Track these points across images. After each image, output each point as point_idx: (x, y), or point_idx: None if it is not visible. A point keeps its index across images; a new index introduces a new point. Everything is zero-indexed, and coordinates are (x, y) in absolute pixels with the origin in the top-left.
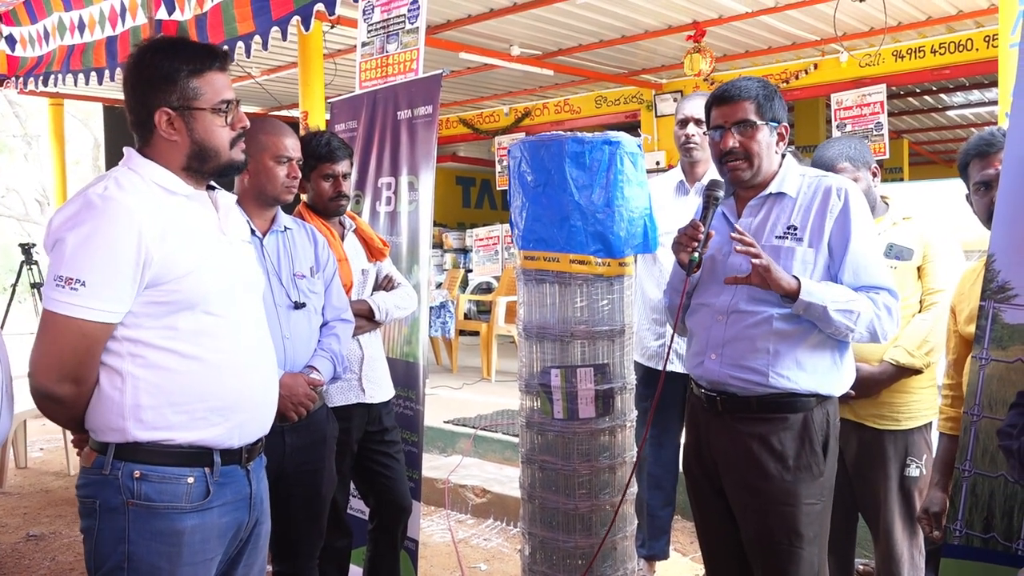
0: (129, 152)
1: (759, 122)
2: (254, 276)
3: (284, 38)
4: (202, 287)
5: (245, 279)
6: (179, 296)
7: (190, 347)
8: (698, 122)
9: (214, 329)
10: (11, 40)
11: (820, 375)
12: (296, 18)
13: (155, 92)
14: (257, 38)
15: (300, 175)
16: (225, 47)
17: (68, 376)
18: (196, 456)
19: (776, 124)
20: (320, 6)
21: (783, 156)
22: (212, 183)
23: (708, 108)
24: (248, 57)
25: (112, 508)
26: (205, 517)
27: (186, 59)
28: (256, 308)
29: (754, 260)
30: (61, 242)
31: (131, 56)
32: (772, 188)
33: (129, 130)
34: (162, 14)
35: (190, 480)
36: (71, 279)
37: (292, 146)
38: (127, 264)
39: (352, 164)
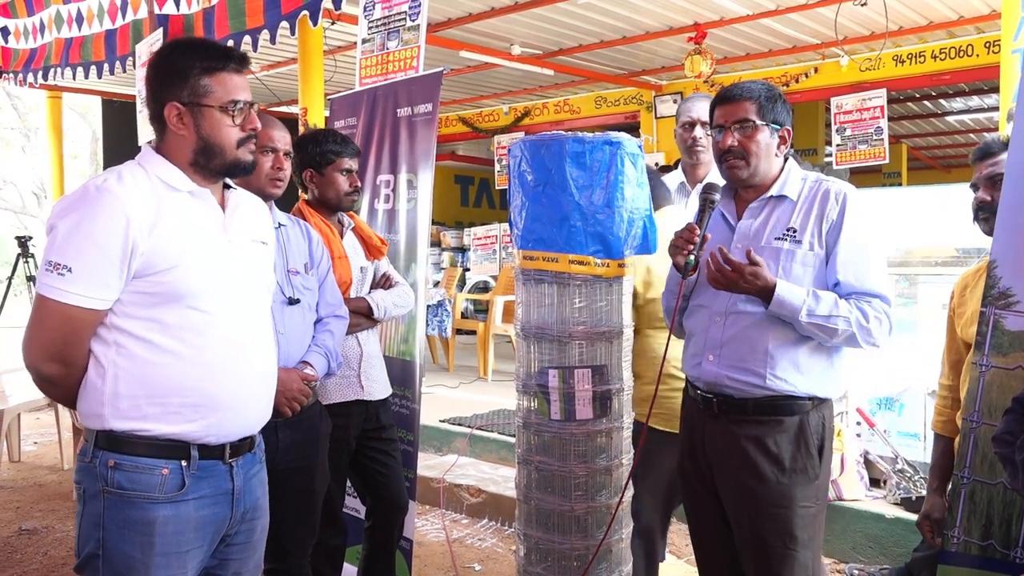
0: (145, 148)
1: (759, 123)
2: (259, 277)
3: (292, 33)
4: (188, 282)
5: (245, 279)
6: (164, 288)
7: (171, 341)
8: (705, 124)
9: (200, 325)
10: (5, 32)
11: (817, 378)
12: (304, 13)
13: (168, 87)
14: (265, 32)
15: (286, 168)
16: (231, 42)
17: (55, 357)
18: (172, 448)
19: (778, 127)
20: (328, 2)
21: (785, 159)
22: (229, 183)
23: (712, 109)
24: (255, 51)
25: (92, 495)
26: (180, 509)
27: (201, 57)
28: (256, 308)
29: (717, 278)
30: (54, 229)
31: (153, 54)
32: (774, 191)
33: (128, 124)
34: (169, 8)
35: (164, 471)
36: (59, 264)
37: (279, 138)
38: (113, 253)
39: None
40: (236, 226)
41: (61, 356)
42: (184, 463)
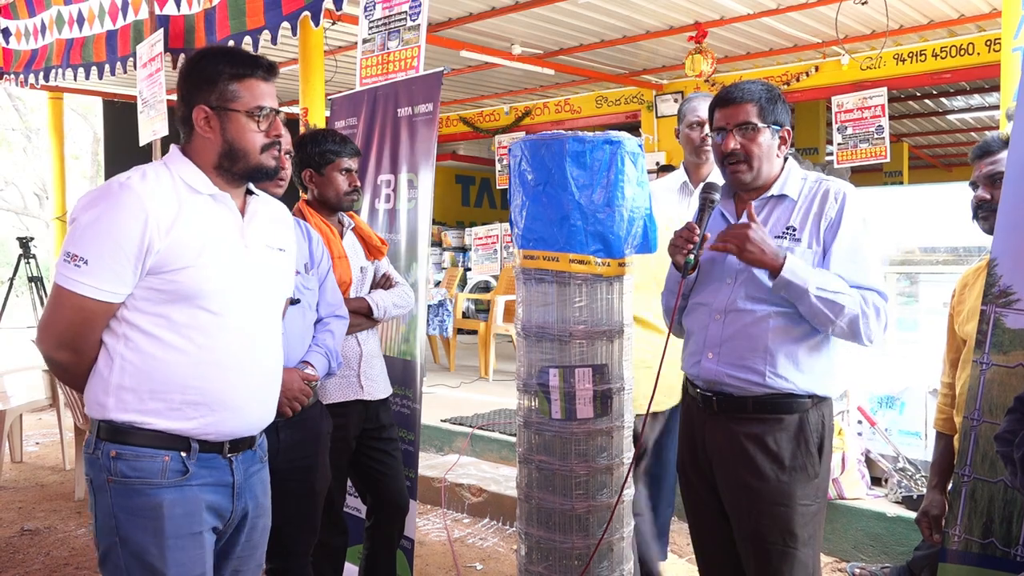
0: (173, 149)
1: (761, 125)
2: (272, 282)
3: (294, 33)
4: (199, 282)
5: (257, 283)
6: (175, 287)
7: (177, 339)
8: None
9: (207, 325)
10: (6, 33)
11: (817, 376)
12: (305, 13)
13: (198, 91)
14: (266, 32)
15: (287, 167)
16: (231, 42)
17: (66, 344)
18: (172, 440)
19: (778, 128)
20: (329, 2)
21: (785, 159)
22: (253, 189)
23: (711, 110)
24: (255, 51)
25: (99, 486)
26: (185, 492)
27: (230, 63)
28: (266, 313)
29: (730, 245)
30: (75, 221)
31: (185, 60)
32: (774, 191)
33: (129, 125)
34: (170, 9)
35: (166, 459)
36: (76, 256)
37: None
38: (129, 249)
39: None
40: (254, 232)
41: (73, 344)
42: (184, 454)
